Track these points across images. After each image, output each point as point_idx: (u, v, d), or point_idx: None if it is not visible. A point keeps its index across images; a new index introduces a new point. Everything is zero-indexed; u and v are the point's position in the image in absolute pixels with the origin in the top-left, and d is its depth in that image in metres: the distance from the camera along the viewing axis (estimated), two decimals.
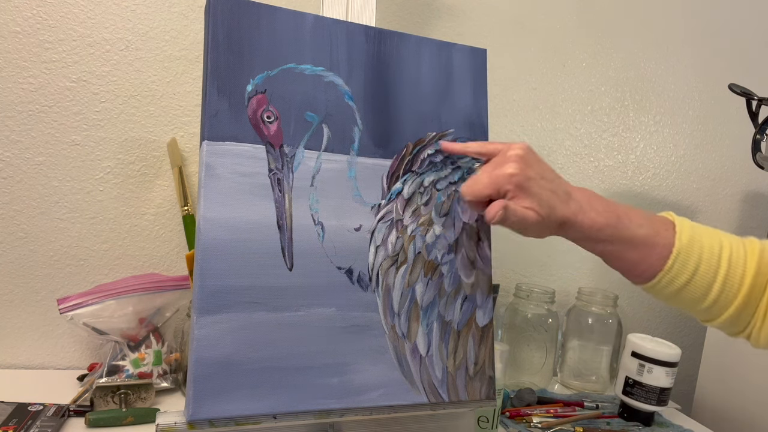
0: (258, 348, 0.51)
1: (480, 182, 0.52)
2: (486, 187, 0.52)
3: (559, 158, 1.12)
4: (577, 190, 0.55)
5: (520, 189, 0.51)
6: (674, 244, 0.52)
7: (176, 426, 0.50)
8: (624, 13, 1.12)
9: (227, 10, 0.54)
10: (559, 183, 0.54)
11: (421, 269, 0.59)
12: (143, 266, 0.92)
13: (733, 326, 0.55)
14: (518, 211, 0.51)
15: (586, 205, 0.53)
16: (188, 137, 0.91)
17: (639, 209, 0.56)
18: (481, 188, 0.52)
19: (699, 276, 0.52)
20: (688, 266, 0.52)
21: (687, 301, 0.54)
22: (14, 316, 0.88)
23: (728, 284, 0.52)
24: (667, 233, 0.53)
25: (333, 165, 0.57)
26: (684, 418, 0.95)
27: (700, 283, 0.53)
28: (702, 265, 0.52)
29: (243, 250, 0.52)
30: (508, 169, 0.51)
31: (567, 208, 0.52)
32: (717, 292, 0.53)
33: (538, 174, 0.52)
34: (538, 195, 0.51)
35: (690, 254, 0.52)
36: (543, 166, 0.54)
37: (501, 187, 0.51)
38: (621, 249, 0.54)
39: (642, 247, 0.53)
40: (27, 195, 0.85)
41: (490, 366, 0.61)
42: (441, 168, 0.62)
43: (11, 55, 0.83)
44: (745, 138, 1.21)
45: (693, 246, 0.53)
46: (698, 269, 0.52)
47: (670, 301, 0.56)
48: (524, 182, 0.51)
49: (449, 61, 0.64)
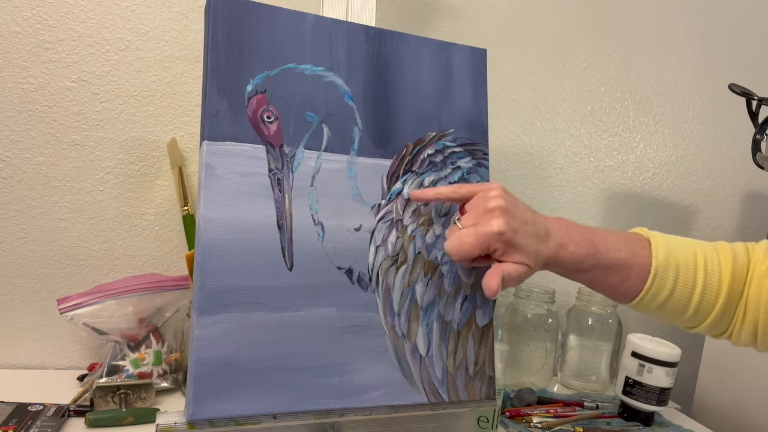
0: (258, 348, 0.51)
1: (466, 243, 0.50)
2: (473, 247, 0.50)
3: (559, 158, 1.12)
4: (553, 223, 0.54)
5: (509, 246, 0.50)
6: (651, 263, 0.54)
7: (176, 426, 0.50)
8: (624, 13, 1.12)
9: (227, 10, 0.54)
10: (537, 222, 0.53)
11: (421, 269, 0.59)
12: (143, 266, 0.92)
13: (716, 329, 0.57)
14: (513, 273, 0.50)
15: (565, 238, 0.53)
16: (188, 137, 0.91)
17: (614, 231, 0.56)
18: (468, 249, 0.50)
19: (678, 289, 0.54)
20: (667, 282, 0.54)
21: (670, 313, 0.56)
22: (14, 316, 0.88)
23: (707, 292, 0.54)
24: (643, 252, 0.54)
25: (333, 165, 0.57)
26: (684, 418, 0.95)
27: (680, 296, 0.54)
28: (680, 278, 0.54)
29: (243, 250, 0.52)
30: (495, 227, 0.49)
31: (548, 247, 0.52)
32: (697, 302, 0.54)
33: (521, 222, 0.51)
34: (525, 246, 0.50)
35: (668, 270, 0.54)
36: (521, 208, 0.53)
37: (490, 247, 0.50)
38: (602, 275, 0.54)
39: (622, 270, 0.54)
40: (27, 195, 0.85)
41: (490, 366, 0.61)
42: (441, 168, 0.62)
43: (11, 55, 0.83)
44: (745, 138, 1.20)
45: (669, 261, 0.54)
46: (677, 283, 0.54)
47: (655, 315, 0.57)
48: (513, 238, 0.50)
49: (449, 61, 0.64)
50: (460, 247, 0.51)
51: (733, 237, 1.24)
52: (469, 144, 0.64)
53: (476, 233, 0.50)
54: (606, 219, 1.16)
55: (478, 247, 0.50)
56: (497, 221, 0.50)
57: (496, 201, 0.51)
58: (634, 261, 0.54)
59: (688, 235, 1.21)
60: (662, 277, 0.53)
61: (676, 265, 0.54)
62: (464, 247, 0.50)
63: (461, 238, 0.51)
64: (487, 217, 0.50)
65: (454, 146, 0.63)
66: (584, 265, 0.53)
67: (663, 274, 0.54)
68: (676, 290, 0.54)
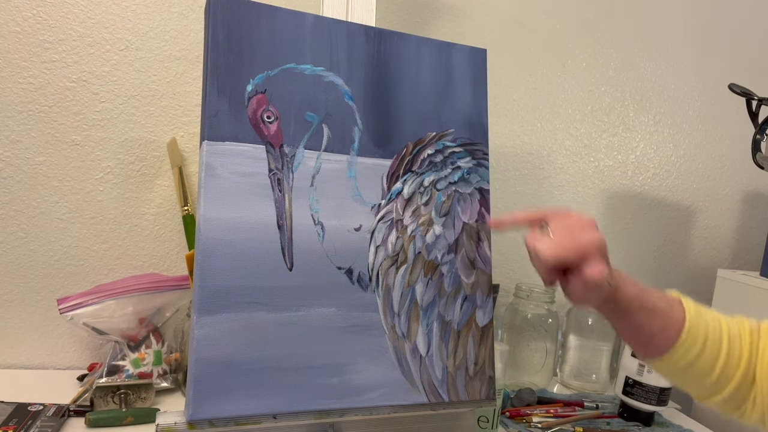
0: (258, 348, 0.51)
1: (563, 246, 0.49)
2: (571, 251, 0.49)
3: (559, 158, 1.12)
4: None
5: (602, 256, 0.50)
6: (686, 318, 0.54)
7: (176, 426, 0.50)
8: (624, 13, 1.12)
9: (227, 10, 0.54)
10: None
11: (421, 269, 0.59)
12: (143, 266, 0.92)
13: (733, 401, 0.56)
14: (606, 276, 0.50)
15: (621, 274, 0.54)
16: (188, 137, 0.91)
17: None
18: (566, 253, 0.49)
19: (707, 349, 0.54)
20: (698, 340, 0.54)
21: (695, 375, 0.56)
22: (14, 316, 0.88)
23: (731, 358, 0.55)
24: (678, 307, 0.55)
25: (333, 165, 0.57)
26: (684, 418, 0.95)
27: (708, 357, 0.54)
28: (709, 339, 0.54)
29: (243, 250, 0.52)
30: (597, 236, 0.50)
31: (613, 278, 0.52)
32: (722, 366, 0.54)
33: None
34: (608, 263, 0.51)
35: (699, 328, 0.54)
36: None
37: (586, 253, 0.50)
38: (645, 318, 0.54)
39: (662, 318, 0.54)
40: (27, 195, 0.85)
41: (490, 366, 0.61)
42: (441, 168, 0.62)
43: (11, 55, 0.83)
44: (745, 138, 1.20)
45: (700, 321, 0.55)
46: (706, 343, 0.54)
47: (679, 376, 0.57)
48: (604, 249, 0.50)
49: (449, 61, 0.63)
50: (556, 249, 0.49)
51: (733, 237, 1.24)
52: (469, 144, 0.64)
53: (578, 238, 0.50)
54: (606, 219, 1.16)
55: (576, 252, 0.49)
56: (597, 233, 0.50)
57: (589, 217, 0.52)
58: (672, 313, 0.54)
59: (689, 234, 1.22)
60: (695, 334, 0.54)
61: (705, 325, 0.55)
62: (561, 250, 0.49)
63: (561, 243, 0.50)
64: (586, 228, 0.51)
65: (454, 146, 0.63)
66: (634, 305, 0.53)
67: (695, 331, 0.54)
68: (705, 350, 0.54)
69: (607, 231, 1.17)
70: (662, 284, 1.21)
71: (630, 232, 1.18)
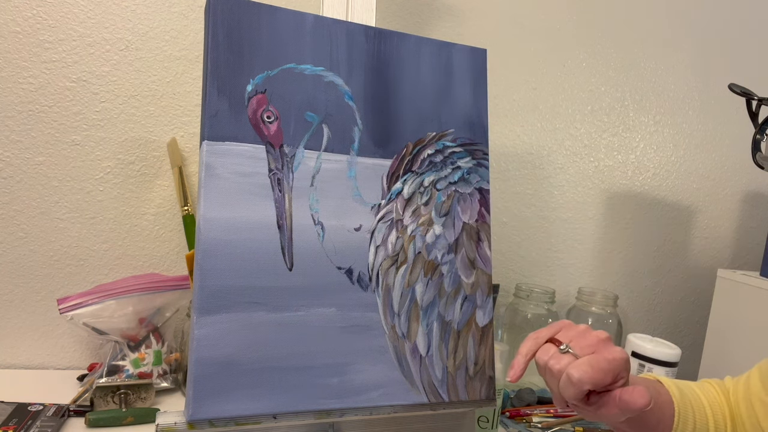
0: (258, 348, 0.51)
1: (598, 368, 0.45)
2: (607, 373, 0.45)
3: (559, 158, 1.12)
4: None
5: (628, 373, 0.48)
6: (672, 400, 0.54)
7: (176, 426, 0.50)
8: (624, 13, 1.12)
9: (227, 10, 0.54)
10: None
11: (421, 269, 0.59)
12: (143, 266, 0.92)
13: None
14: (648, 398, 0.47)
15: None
16: (188, 137, 0.91)
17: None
18: (602, 376, 0.45)
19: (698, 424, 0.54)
20: (689, 417, 0.54)
21: None
22: (14, 316, 0.88)
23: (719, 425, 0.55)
24: (663, 390, 0.55)
25: (333, 165, 0.57)
26: None
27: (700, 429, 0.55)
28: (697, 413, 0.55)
29: (243, 250, 0.52)
30: (619, 353, 0.46)
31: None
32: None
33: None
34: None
35: (685, 406, 0.54)
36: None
37: (619, 373, 0.47)
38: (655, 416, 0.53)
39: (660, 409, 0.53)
40: (27, 195, 0.85)
41: (490, 366, 0.61)
42: (441, 168, 0.62)
43: (11, 55, 0.83)
44: (745, 138, 1.21)
45: (684, 397, 0.55)
46: (696, 418, 0.54)
47: None
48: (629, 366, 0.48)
49: (449, 61, 0.64)
50: (591, 372, 0.45)
51: (733, 237, 1.24)
52: (469, 144, 0.64)
53: (609, 360, 0.46)
54: (606, 219, 1.16)
55: (611, 374, 0.46)
56: (618, 349, 0.47)
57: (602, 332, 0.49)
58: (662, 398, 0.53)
59: (689, 234, 1.21)
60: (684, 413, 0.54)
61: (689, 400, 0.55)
62: (596, 373, 0.45)
63: (595, 365, 0.45)
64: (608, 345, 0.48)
65: (454, 146, 0.63)
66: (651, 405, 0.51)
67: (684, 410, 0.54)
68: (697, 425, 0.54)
69: (607, 231, 1.17)
70: (662, 284, 1.21)
71: (630, 232, 1.18)
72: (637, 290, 1.20)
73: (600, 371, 0.45)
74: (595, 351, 0.47)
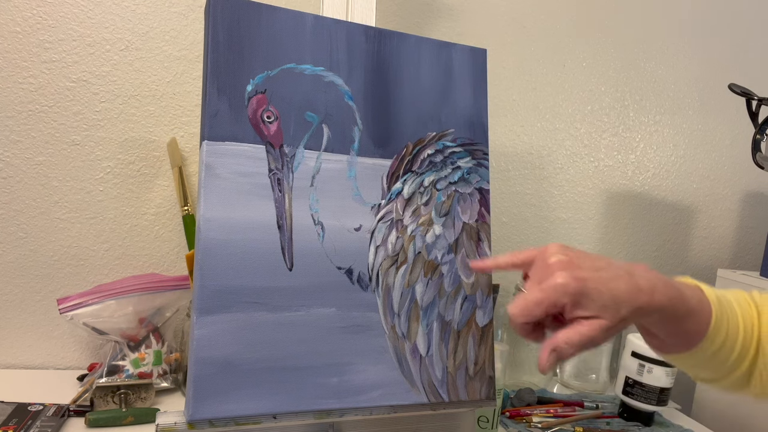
0: (258, 348, 0.51)
1: (530, 300, 0.45)
2: (537, 304, 0.45)
3: (559, 158, 1.12)
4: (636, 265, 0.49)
5: (578, 296, 0.45)
6: (711, 307, 0.51)
7: (176, 426, 0.50)
8: (624, 12, 1.12)
9: (227, 10, 0.54)
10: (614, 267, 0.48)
11: (421, 269, 0.59)
12: (143, 266, 0.92)
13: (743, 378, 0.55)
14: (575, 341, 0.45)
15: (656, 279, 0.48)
16: (188, 137, 0.91)
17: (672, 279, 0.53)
18: (532, 307, 0.45)
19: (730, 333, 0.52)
20: (722, 326, 0.52)
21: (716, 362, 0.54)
22: (14, 316, 0.88)
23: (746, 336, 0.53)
24: (703, 296, 0.52)
25: (333, 165, 0.57)
26: (684, 418, 0.95)
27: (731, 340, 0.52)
28: (730, 322, 0.52)
29: (243, 250, 0.52)
30: (558, 279, 0.45)
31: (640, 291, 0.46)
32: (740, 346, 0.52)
33: (591, 269, 0.46)
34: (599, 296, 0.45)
35: (722, 314, 0.52)
36: (590, 257, 0.48)
37: (557, 302, 0.46)
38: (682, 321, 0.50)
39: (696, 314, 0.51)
40: (27, 195, 0.85)
41: (490, 366, 0.61)
42: (441, 168, 0.62)
43: (11, 55, 0.83)
44: (745, 138, 1.20)
45: (721, 305, 0.52)
46: (729, 327, 0.52)
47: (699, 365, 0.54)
48: (580, 288, 0.45)
49: (449, 61, 0.64)
50: (524, 305, 0.45)
51: (733, 237, 1.24)
52: (469, 144, 0.64)
53: (540, 289, 0.46)
54: (606, 219, 1.16)
55: (545, 303, 0.45)
56: (560, 273, 0.46)
57: (555, 257, 0.47)
58: (702, 306, 0.51)
59: (689, 234, 1.21)
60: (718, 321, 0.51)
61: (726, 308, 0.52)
62: (528, 305, 0.45)
63: (526, 296, 0.46)
64: (548, 273, 0.47)
65: (454, 146, 0.63)
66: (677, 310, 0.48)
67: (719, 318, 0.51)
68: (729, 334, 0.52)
69: (607, 231, 1.17)
70: None
71: (630, 232, 1.18)
72: None
73: (530, 302, 0.45)
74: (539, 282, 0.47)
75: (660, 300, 0.47)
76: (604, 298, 0.45)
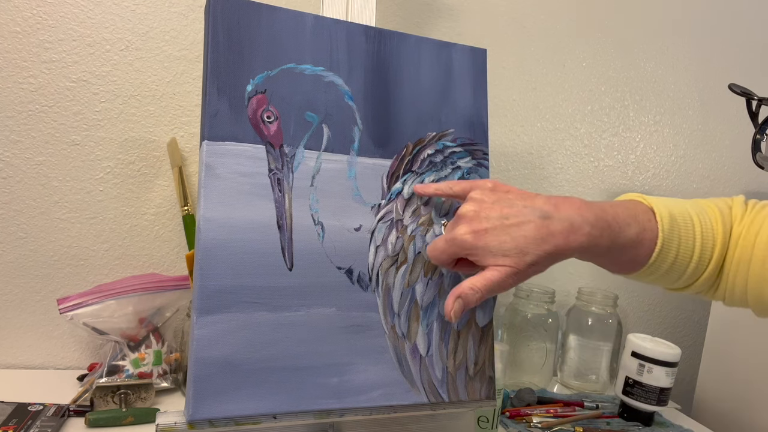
0: (258, 348, 0.51)
1: (437, 248, 0.50)
2: (443, 252, 0.49)
3: (559, 158, 1.12)
4: (562, 204, 0.48)
5: (477, 250, 0.47)
6: (658, 235, 0.51)
7: (176, 426, 0.50)
8: (624, 12, 1.12)
9: (227, 10, 0.54)
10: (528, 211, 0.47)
11: (421, 269, 0.59)
12: (143, 266, 0.92)
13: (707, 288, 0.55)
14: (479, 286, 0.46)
15: (578, 218, 0.47)
16: (188, 137, 0.91)
17: (617, 203, 0.52)
18: (438, 255, 0.50)
19: (680, 258, 0.52)
20: (670, 252, 0.52)
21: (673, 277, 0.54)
22: (14, 316, 0.88)
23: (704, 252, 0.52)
24: (650, 224, 0.51)
25: (333, 165, 0.57)
26: (684, 418, 0.95)
27: (680, 264, 0.53)
28: (681, 247, 0.52)
29: (243, 250, 0.52)
30: (460, 231, 0.48)
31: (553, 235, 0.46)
32: (696, 261, 0.53)
33: (497, 217, 0.47)
34: (500, 246, 0.46)
35: (671, 240, 0.52)
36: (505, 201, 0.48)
37: (456, 254, 0.48)
38: (615, 255, 0.51)
39: (633, 247, 0.51)
40: (27, 195, 0.85)
41: (490, 366, 0.61)
42: (441, 168, 0.62)
43: (11, 55, 0.83)
44: (745, 138, 1.20)
45: (673, 230, 0.52)
46: (678, 252, 0.52)
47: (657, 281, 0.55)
48: (477, 241, 0.47)
49: (449, 61, 0.64)
50: (432, 253, 0.51)
51: None
52: (469, 144, 0.64)
53: (444, 239, 0.50)
54: None
55: (447, 253, 0.49)
56: (461, 227, 0.48)
57: (466, 206, 0.49)
58: (644, 235, 0.51)
59: None
60: (667, 247, 0.51)
61: (678, 232, 0.52)
62: (435, 252, 0.51)
63: (435, 243, 0.51)
64: (456, 223, 0.50)
65: (454, 146, 0.63)
66: (600, 249, 0.48)
67: (668, 244, 0.51)
68: (678, 259, 0.52)
69: None
70: None
71: None
72: (637, 290, 1.20)
73: (436, 250, 0.51)
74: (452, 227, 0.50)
75: (578, 240, 0.47)
76: (506, 247, 0.46)
